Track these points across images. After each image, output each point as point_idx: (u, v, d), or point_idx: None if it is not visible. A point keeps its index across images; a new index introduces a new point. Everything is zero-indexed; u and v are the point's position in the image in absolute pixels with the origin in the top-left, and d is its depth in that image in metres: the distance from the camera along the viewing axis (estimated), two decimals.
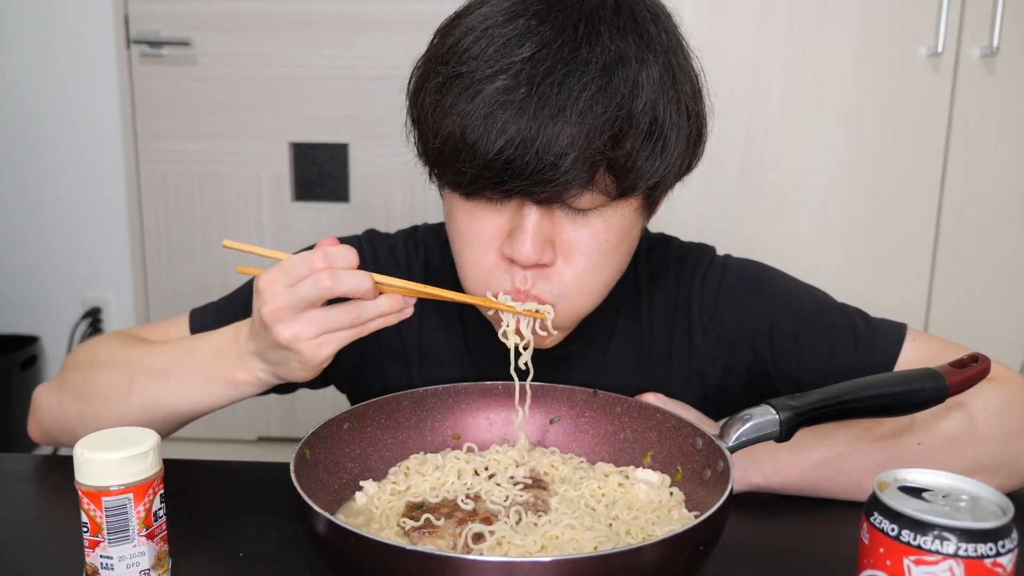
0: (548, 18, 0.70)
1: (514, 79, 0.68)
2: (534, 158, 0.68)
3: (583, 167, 0.69)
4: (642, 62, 0.71)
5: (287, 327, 0.70)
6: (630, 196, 0.75)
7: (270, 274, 0.71)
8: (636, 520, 0.70)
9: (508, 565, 0.56)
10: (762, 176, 1.86)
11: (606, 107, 0.69)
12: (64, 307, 2.61)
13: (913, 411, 0.75)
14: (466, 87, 0.70)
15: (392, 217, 2.49)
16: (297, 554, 0.73)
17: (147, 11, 2.41)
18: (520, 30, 0.70)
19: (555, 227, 0.75)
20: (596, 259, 0.77)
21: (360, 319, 0.70)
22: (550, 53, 0.69)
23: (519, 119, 0.68)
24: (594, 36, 0.70)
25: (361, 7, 2.38)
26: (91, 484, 0.63)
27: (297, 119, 2.46)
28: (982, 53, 1.79)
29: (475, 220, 0.77)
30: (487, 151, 0.69)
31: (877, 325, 0.88)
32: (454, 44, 0.72)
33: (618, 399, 0.83)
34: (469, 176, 0.71)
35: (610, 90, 0.69)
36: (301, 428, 0.76)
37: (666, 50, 0.74)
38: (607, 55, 0.69)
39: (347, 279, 0.69)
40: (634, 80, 0.70)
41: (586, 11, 0.71)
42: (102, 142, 2.50)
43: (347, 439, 0.79)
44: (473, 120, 0.69)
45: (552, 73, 0.68)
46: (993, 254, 1.90)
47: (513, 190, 0.71)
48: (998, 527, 0.52)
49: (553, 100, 0.68)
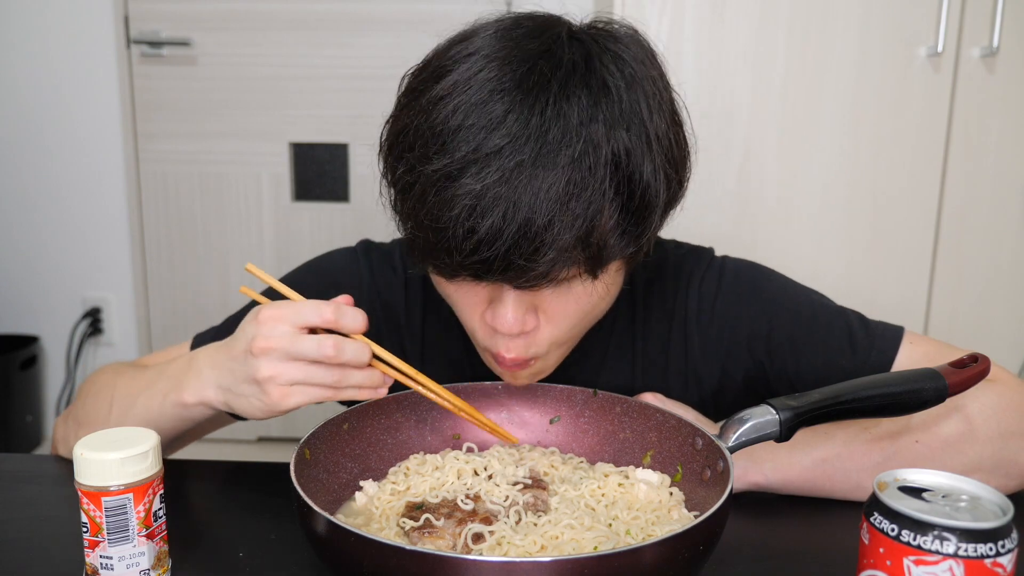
0: (519, 101, 0.67)
1: (482, 175, 0.66)
2: (511, 255, 0.67)
3: (561, 257, 0.68)
4: (612, 138, 0.68)
5: (270, 366, 0.68)
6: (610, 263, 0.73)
7: (277, 311, 0.69)
8: (636, 520, 0.70)
9: (508, 565, 0.56)
10: (762, 176, 1.86)
11: (577, 202, 0.67)
12: (64, 307, 2.61)
13: (913, 411, 0.75)
14: (444, 175, 0.68)
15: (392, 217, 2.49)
16: (297, 554, 0.73)
17: (147, 11, 2.42)
18: (497, 114, 0.67)
19: (536, 297, 0.74)
20: (579, 317, 0.77)
21: (339, 383, 0.69)
22: (516, 148, 0.66)
23: (491, 215, 0.66)
24: (563, 121, 0.67)
25: (361, 7, 2.39)
26: (91, 484, 0.63)
27: (297, 119, 2.46)
28: (982, 53, 1.79)
29: (457, 291, 0.77)
30: (460, 250, 0.68)
31: (874, 328, 0.88)
32: (432, 120, 0.69)
33: (618, 399, 0.83)
34: (451, 266, 0.70)
35: (581, 181, 0.67)
36: (301, 428, 0.77)
37: (639, 111, 0.70)
38: (577, 144, 0.67)
39: (348, 350, 0.68)
40: (605, 162, 0.68)
41: (554, 90, 0.68)
42: (102, 142, 2.50)
43: (347, 439, 0.79)
44: (445, 219, 0.67)
45: (523, 168, 0.66)
46: (993, 254, 1.90)
47: (491, 279, 0.70)
48: (998, 527, 0.52)
49: (525, 196, 0.66)
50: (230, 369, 0.72)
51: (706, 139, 1.92)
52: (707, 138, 1.86)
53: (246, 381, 0.70)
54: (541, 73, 0.68)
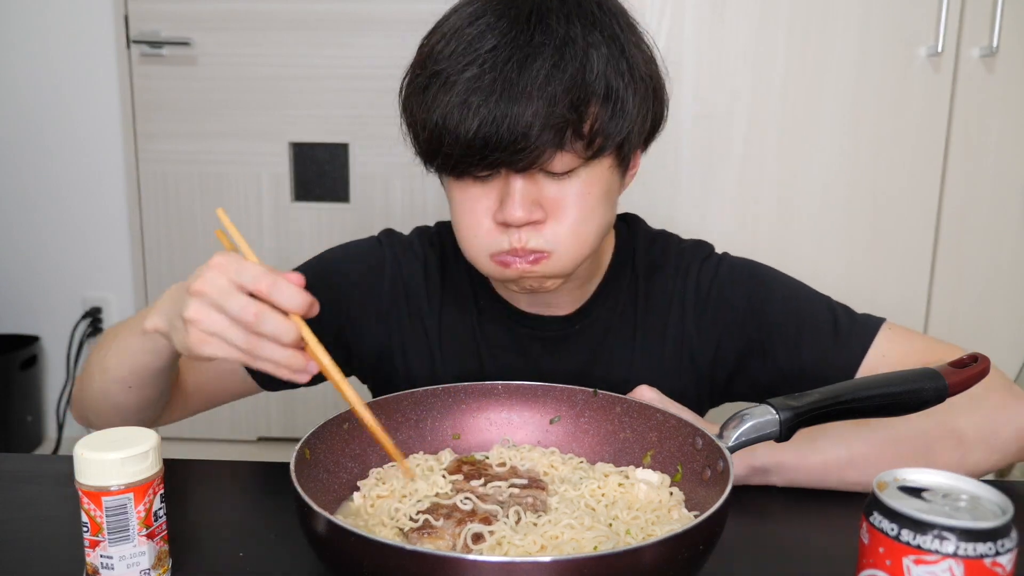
0: (505, 14, 0.81)
1: (480, 68, 0.79)
2: (507, 132, 0.78)
3: (550, 134, 0.79)
4: (589, 40, 0.81)
5: (196, 309, 0.68)
6: (601, 156, 0.84)
7: (225, 261, 0.69)
8: (636, 520, 0.70)
9: (508, 565, 0.56)
10: (762, 176, 1.86)
11: (561, 80, 0.79)
12: (64, 307, 2.61)
13: (913, 411, 0.75)
14: (442, 82, 0.81)
15: (392, 217, 2.49)
16: (297, 554, 0.73)
17: (147, 11, 2.41)
18: (482, 28, 0.81)
19: (540, 191, 0.84)
20: (582, 212, 0.85)
21: (253, 351, 0.68)
22: (508, 43, 0.79)
23: (489, 101, 0.78)
24: (544, 24, 0.80)
25: (361, 7, 2.38)
26: (91, 484, 0.63)
27: (297, 119, 2.46)
28: (982, 53, 1.79)
29: (469, 197, 0.85)
30: (466, 132, 0.79)
31: (857, 317, 0.95)
32: (430, 50, 0.84)
33: (618, 399, 0.83)
34: (455, 158, 0.81)
35: (563, 65, 0.79)
36: (301, 428, 0.77)
37: (611, 26, 0.83)
38: (556, 38, 0.80)
39: (269, 324, 0.67)
40: (583, 54, 0.80)
41: (535, 4, 0.82)
42: (102, 142, 2.50)
43: (347, 439, 0.79)
44: (450, 108, 0.79)
45: (511, 59, 0.79)
46: (993, 254, 1.90)
47: (494, 163, 0.80)
48: (998, 527, 0.52)
49: (515, 81, 0.78)
50: (173, 301, 0.73)
51: (706, 139, 1.92)
52: (707, 138, 1.86)
53: (178, 316, 0.70)
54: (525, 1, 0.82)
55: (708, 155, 1.84)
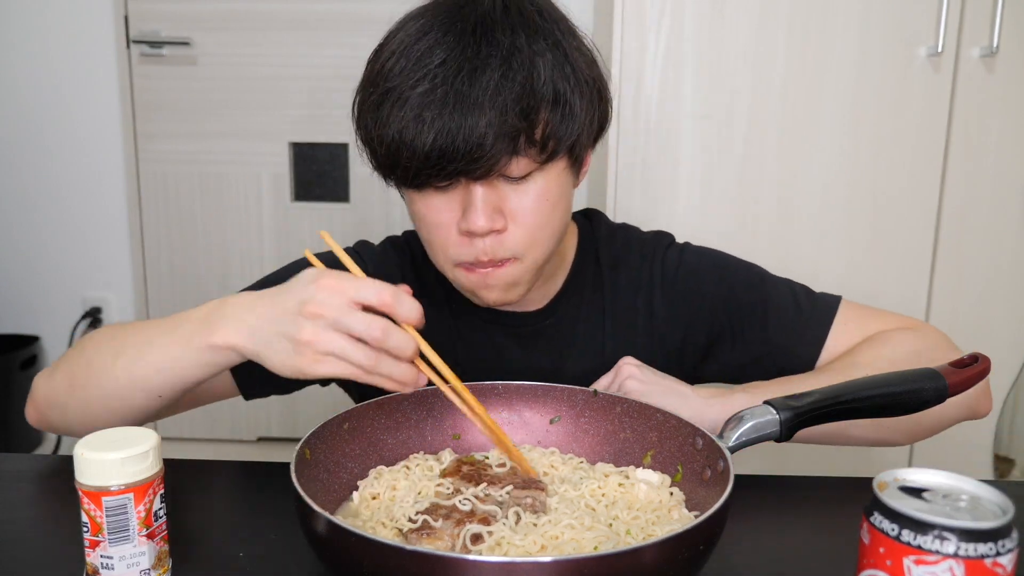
0: (451, 29, 0.83)
1: (431, 83, 0.81)
2: (462, 143, 0.80)
3: (504, 141, 0.81)
4: (533, 47, 0.83)
5: (314, 331, 0.68)
6: (555, 159, 0.86)
7: (338, 281, 0.69)
8: (636, 520, 0.70)
9: (508, 565, 0.56)
10: (762, 176, 1.86)
11: (511, 89, 0.81)
12: (64, 307, 2.61)
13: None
14: (395, 99, 0.83)
15: (392, 217, 2.49)
16: (297, 554, 0.73)
17: (147, 11, 2.41)
18: (430, 43, 0.83)
19: (500, 198, 0.86)
20: (541, 217, 0.88)
21: (373, 368, 0.69)
22: (456, 56, 0.81)
23: (443, 114, 0.80)
24: (489, 35, 0.83)
25: (361, 7, 2.39)
26: (91, 484, 0.63)
27: (297, 119, 2.46)
28: (982, 53, 1.79)
29: (432, 209, 0.87)
30: (423, 145, 0.81)
31: (817, 297, 1.02)
32: (380, 67, 0.86)
33: (618, 399, 0.83)
34: (413, 170, 0.83)
35: (511, 75, 0.81)
36: (301, 428, 0.77)
37: (553, 33, 0.86)
38: (503, 48, 0.82)
39: (395, 338, 0.68)
40: (530, 63, 0.82)
41: (479, 18, 0.84)
42: (102, 142, 2.50)
43: (347, 439, 0.79)
44: (406, 123, 0.82)
45: (461, 72, 0.81)
46: (993, 254, 1.90)
47: (452, 172, 0.82)
48: (998, 527, 0.52)
49: (467, 93, 0.80)
50: (273, 320, 0.71)
51: (706, 139, 1.92)
52: (707, 138, 1.86)
53: (285, 337, 0.70)
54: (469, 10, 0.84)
55: (708, 155, 1.84)
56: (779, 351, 0.99)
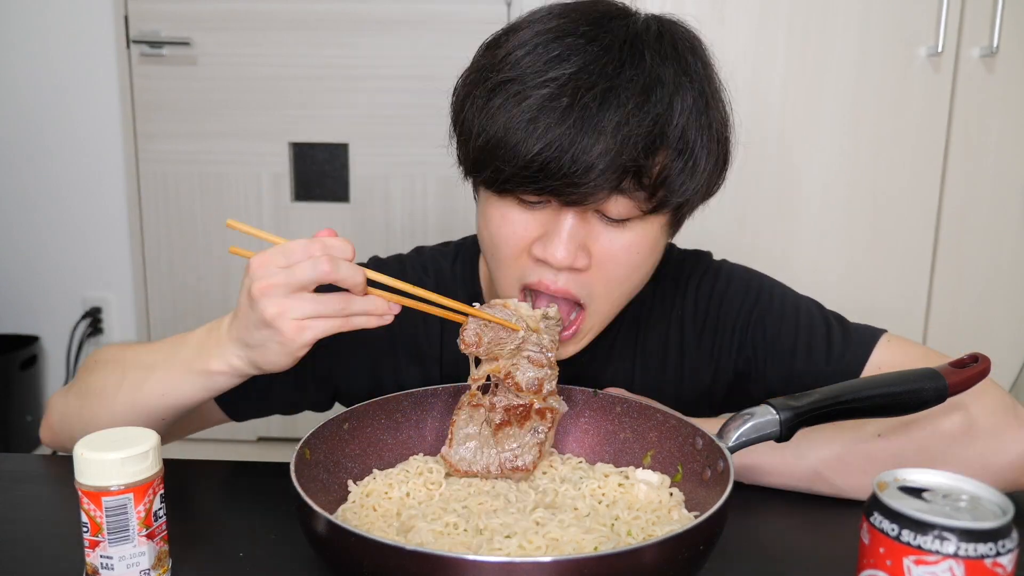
0: (596, 38, 0.75)
1: (559, 89, 0.73)
2: (569, 162, 0.72)
3: (614, 174, 0.73)
4: (678, 87, 0.76)
5: (275, 303, 0.69)
6: (660, 212, 0.79)
7: (265, 255, 0.71)
8: (636, 520, 0.70)
9: (508, 565, 0.56)
10: (762, 176, 1.86)
11: (640, 123, 0.73)
12: (64, 307, 2.61)
13: (913, 411, 0.75)
14: (514, 92, 0.74)
15: (392, 217, 2.49)
16: (297, 554, 0.73)
17: (147, 11, 2.41)
18: (569, 47, 0.75)
19: (590, 234, 0.78)
20: (626, 269, 0.81)
21: (347, 310, 0.71)
22: (595, 69, 0.73)
23: (559, 126, 0.72)
24: (637, 57, 0.75)
25: (361, 7, 2.38)
26: (91, 484, 0.63)
27: (297, 119, 2.46)
28: (982, 53, 1.79)
29: (508, 223, 0.79)
30: (526, 152, 0.73)
31: (852, 330, 0.91)
32: (505, 55, 0.77)
33: (618, 399, 0.83)
34: (506, 174, 0.75)
35: (646, 108, 0.73)
36: (301, 428, 0.78)
37: (701, 79, 0.78)
38: (647, 77, 0.74)
39: (344, 267, 0.70)
40: (669, 102, 0.75)
41: (631, 35, 0.76)
42: (102, 142, 2.50)
43: (347, 439, 0.79)
44: (516, 123, 0.73)
45: (594, 88, 0.73)
46: (993, 254, 1.90)
47: (546, 189, 0.75)
48: (998, 527, 0.52)
49: (593, 113, 0.72)
50: (242, 323, 0.73)
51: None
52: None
53: (257, 327, 0.71)
54: (619, 23, 0.77)
55: None
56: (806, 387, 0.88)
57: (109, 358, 0.89)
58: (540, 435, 0.79)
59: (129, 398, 0.82)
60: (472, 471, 0.78)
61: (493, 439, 0.79)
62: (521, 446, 0.79)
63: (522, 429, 0.79)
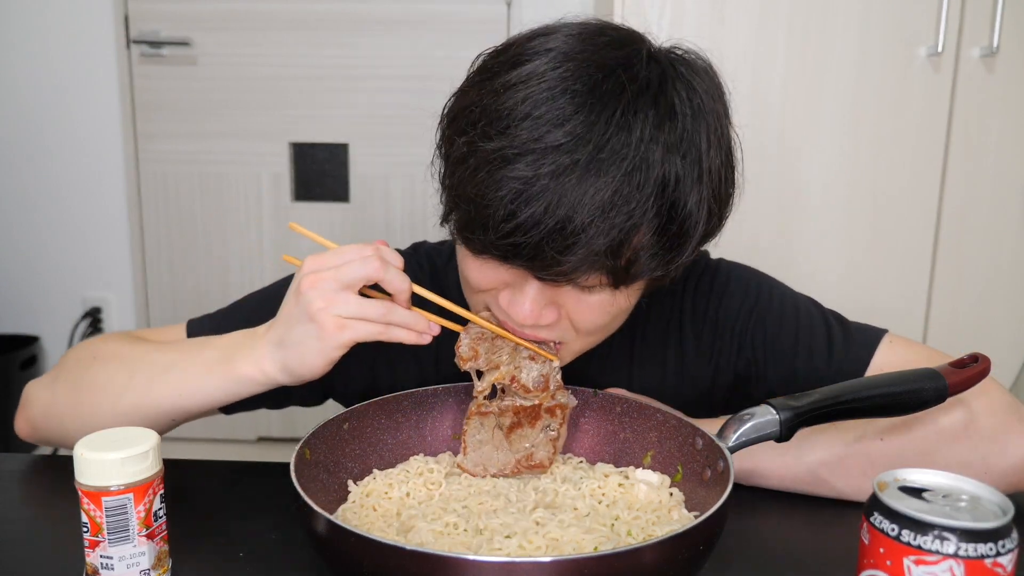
0: (585, 104, 0.69)
1: (536, 165, 0.68)
2: (543, 246, 0.68)
3: (590, 262, 0.69)
4: (667, 158, 0.70)
5: (321, 296, 0.71)
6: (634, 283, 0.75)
7: (319, 255, 0.73)
8: (636, 520, 0.70)
9: (508, 565, 0.56)
10: (762, 176, 1.86)
11: (618, 213, 0.68)
12: (64, 307, 2.61)
13: (913, 411, 0.75)
14: (493, 160, 0.69)
15: (392, 217, 2.49)
16: (297, 554, 0.73)
17: (147, 11, 2.41)
18: (559, 111, 0.69)
19: (558, 294, 0.75)
20: (599, 322, 0.78)
21: (389, 318, 0.72)
22: (575, 147, 0.68)
23: (534, 204, 0.68)
24: (625, 134, 0.68)
25: (361, 7, 2.38)
26: (91, 484, 0.63)
27: (297, 119, 2.46)
28: (982, 53, 1.79)
29: (480, 272, 0.77)
30: (496, 230, 0.69)
31: (853, 331, 0.90)
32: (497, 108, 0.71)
33: (618, 399, 0.83)
34: (478, 245, 0.73)
35: (627, 195, 0.68)
36: (301, 428, 0.77)
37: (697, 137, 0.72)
38: (632, 159, 0.68)
39: (393, 271, 0.72)
40: (656, 181, 0.69)
41: (624, 102, 0.69)
42: (102, 142, 2.50)
43: (347, 439, 0.79)
44: (490, 198, 0.69)
45: (575, 169, 0.67)
46: (993, 254, 1.90)
47: (517, 264, 0.72)
48: (998, 527, 0.52)
49: (570, 196, 0.67)
50: (283, 321, 0.74)
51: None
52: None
53: (300, 320, 0.72)
54: (616, 82, 0.70)
55: None
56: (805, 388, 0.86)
57: (110, 353, 0.86)
58: (552, 432, 0.79)
59: (137, 397, 0.81)
60: (490, 473, 0.79)
61: (507, 441, 0.79)
62: (535, 444, 0.79)
63: (534, 428, 0.80)
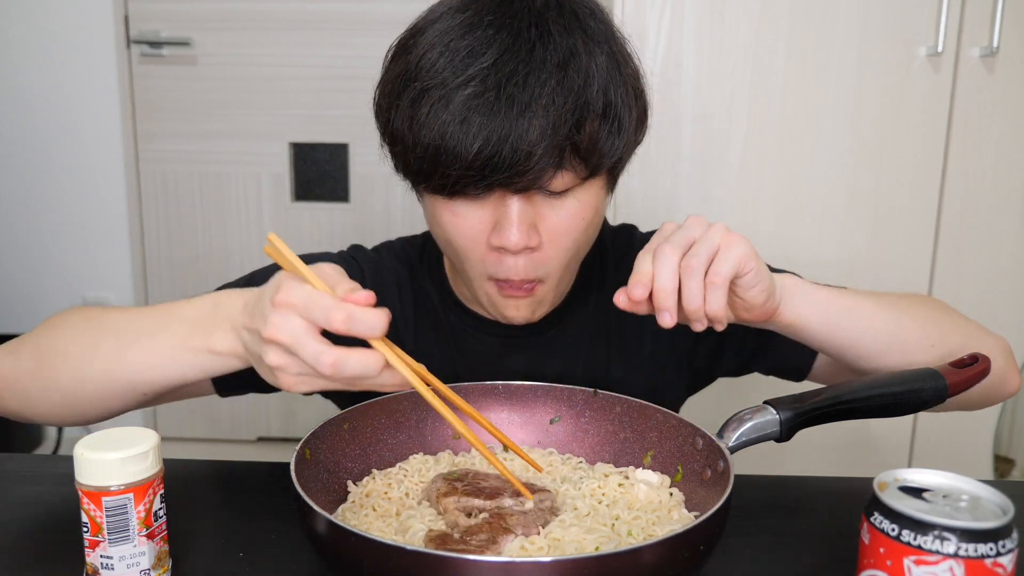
0: (504, 25, 0.77)
1: (482, 84, 0.75)
2: (509, 152, 0.74)
3: (553, 153, 0.76)
4: (590, 54, 0.78)
5: (277, 358, 0.63)
6: (597, 175, 0.82)
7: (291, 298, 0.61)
8: (636, 520, 0.70)
9: (508, 565, 0.56)
10: (762, 176, 1.86)
11: (566, 98, 0.76)
12: (64, 307, 2.59)
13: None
14: (439, 98, 0.76)
15: (392, 217, 2.49)
16: (297, 554, 0.73)
17: (147, 11, 2.41)
18: (480, 40, 0.76)
19: (536, 213, 0.81)
20: (576, 236, 0.84)
21: (348, 387, 0.63)
22: (511, 57, 0.75)
23: (492, 120, 0.74)
24: (546, 36, 0.77)
25: (361, 7, 2.38)
26: (91, 484, 0.63)
27: (297, 119, 2.46)
28: (982, 53, 1.79)
29: (460, 218, 0.82)
30: (467, 153, 0.75)
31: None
32: (418, 60, 0.78)
33: (618, 399, 0.83)
34: (453, 178, 0.77)
35: (567, 82, 0.76)
36: (301, 428, 0.76)
37: (607, 39, 0.81)
38: (560, 52, 0.77)
39: (351, 366, 0.61)
40: (586, 70, 0.77)
41: (534, 15, 0.78)
42: (102, 142, 2.50)
43: (347, 439, 0.79)
44: (450, 127, 0.75)
45: (515, 75, 0.75)
46: (993, 254, 1.90)
47: (494, 183, 0.77)
48: (998, 527, 0.52)
49: (519, 98, 0.74)
50: (250, 340, 0.66)
51: (706, 139, 1.92)
52: (707, 138, 1.86)
53: (259, 362, 0.65)
54: (521, 6, 0.78)
55: (708, 155, 1.84)
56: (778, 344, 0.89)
57: (78, 318, 0.81)
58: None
59: (103, 366, 0.75)
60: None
61: None
62: None
63: None
